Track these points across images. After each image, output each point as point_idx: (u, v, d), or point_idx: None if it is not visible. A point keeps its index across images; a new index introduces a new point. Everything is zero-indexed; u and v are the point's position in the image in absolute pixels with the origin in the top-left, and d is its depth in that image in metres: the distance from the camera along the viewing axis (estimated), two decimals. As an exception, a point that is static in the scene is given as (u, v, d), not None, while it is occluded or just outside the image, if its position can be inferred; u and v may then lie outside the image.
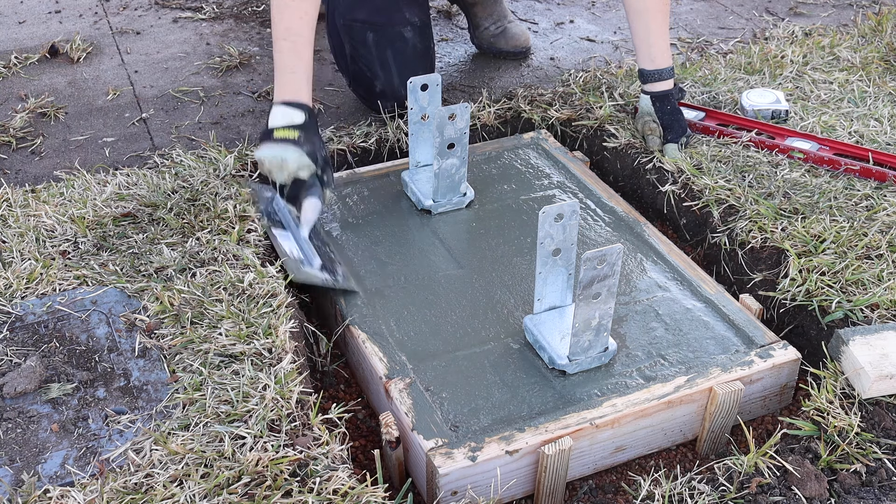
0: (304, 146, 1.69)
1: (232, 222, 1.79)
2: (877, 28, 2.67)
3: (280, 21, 1.76)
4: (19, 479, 1.29)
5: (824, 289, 1.63)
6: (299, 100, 1.74)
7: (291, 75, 1.75)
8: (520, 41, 2.63)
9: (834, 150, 2.00)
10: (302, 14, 1.75)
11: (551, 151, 2.11)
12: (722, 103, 2.26)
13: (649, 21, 2.02)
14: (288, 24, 1.75)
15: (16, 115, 2.33)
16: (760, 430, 1.55)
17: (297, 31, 1.75)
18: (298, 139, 1.69)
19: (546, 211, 1.44)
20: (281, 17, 1.76)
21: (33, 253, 1.72)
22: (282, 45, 1.76)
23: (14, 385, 1.43)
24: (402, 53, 2.19)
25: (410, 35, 2.22)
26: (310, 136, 1.71)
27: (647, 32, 2.04)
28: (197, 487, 1.24)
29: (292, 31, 1.75)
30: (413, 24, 2.22)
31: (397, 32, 2.19)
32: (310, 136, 1.71)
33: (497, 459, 1.33)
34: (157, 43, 2.77)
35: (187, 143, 2.20)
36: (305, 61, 1.76)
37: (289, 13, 1.75)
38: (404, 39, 2.21)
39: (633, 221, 1.87)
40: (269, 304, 1.58)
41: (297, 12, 1.75)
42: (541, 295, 1.55)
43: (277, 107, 1.74)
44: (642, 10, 2.02)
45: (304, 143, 1.69)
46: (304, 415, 1.38)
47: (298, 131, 1.69)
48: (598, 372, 1.50)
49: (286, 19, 1.75)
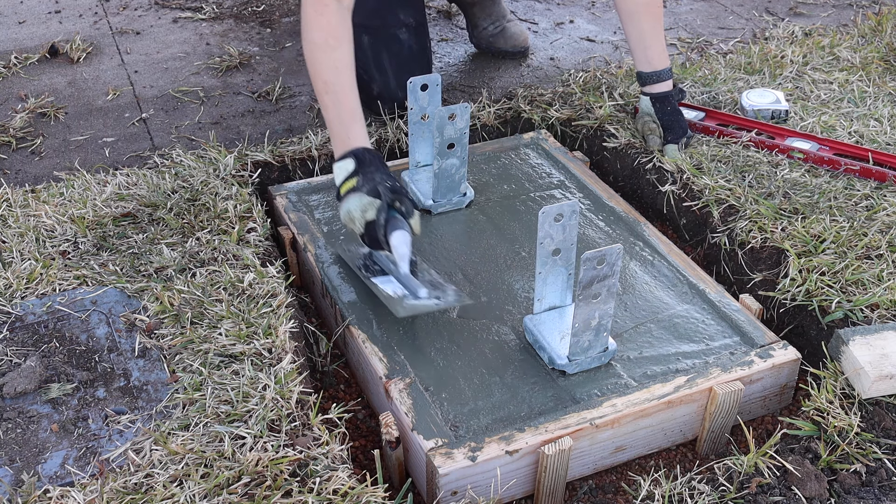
0: (364, 187, 1.60)
1: (232, 222, 1.79)
2: (877, 28, 2.67)
3: (317, 75, 1.71)
4: (19, 479, 1.29)
5: (824, 289, 1.63)
6: (347, 148, 1.67)
7: (339, 127, 1.70)
8: (518, 41, 2.63)
9: (834, 150, 2.00)
10: (336, 64, 1.69)
11: (551, 151, 2.11)
12: (722, 103, 2.26)
13: (642, 23, 2.02)
14: (325, 77, 1.69)
15: (16, 115, 2.33)
16: (760, 430, 1.55)
17: (334, 83, 1.69)
18: (357, 184, 1.61)
19: (546, 211, 1.44)
20: (316, 71, 1.71)
21: (33, 253, 1.72)
22: (324, 100, 1.71)
23: (14, 385, 1.43)
24: (398, 55, 2.19)
25: (406, 37, 2.22)
26: (367, 174, 1.62)
27: (642, 35, 2.03)
28: (197, 487, 1.24)
29: (330, 84, 1.69)
30: (408, 26, 2.22)
31: (392, 35, 2.18)
32: (367, 174, 1.62)
33: (497, 459, 1.33)
34: (157, 43, 2.77)
35: (187, 143, 2.20)
36: (350, 108, 1.70)
37: (322, 66, 1.70)
38: (399, 41, 2.20)
39: (632, 221, 1.87)
40: (269, 304, 1.58)
41: (329, 65, 1.69)
42: (541, 295, 1.55)
43: (334, 167, 1.68)
44: (634, 13, 2.01)
45: (363, 185, 1.60)
46: (304, 415, 1.38)
47: (355, 177, 1.62)
48: (598, 372, 1.50)
49: (321, 73, 1.70)
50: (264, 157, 2.06)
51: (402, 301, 1.56)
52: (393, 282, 1.61)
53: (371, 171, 1.62)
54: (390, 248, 1.59)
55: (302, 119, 2.32)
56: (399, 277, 1.60)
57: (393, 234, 1.58)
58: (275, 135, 2.23)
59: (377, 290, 1.61)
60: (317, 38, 1.70)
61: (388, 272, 1.64)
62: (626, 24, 2.04)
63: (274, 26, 2.89)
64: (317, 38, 1.70)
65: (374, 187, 1.60)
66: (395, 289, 1.59)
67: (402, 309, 1.54)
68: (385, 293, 1.59)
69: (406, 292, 1.57)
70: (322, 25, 1.69)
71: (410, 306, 1.55)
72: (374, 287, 1.62)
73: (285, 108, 2.38)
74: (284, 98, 2.43)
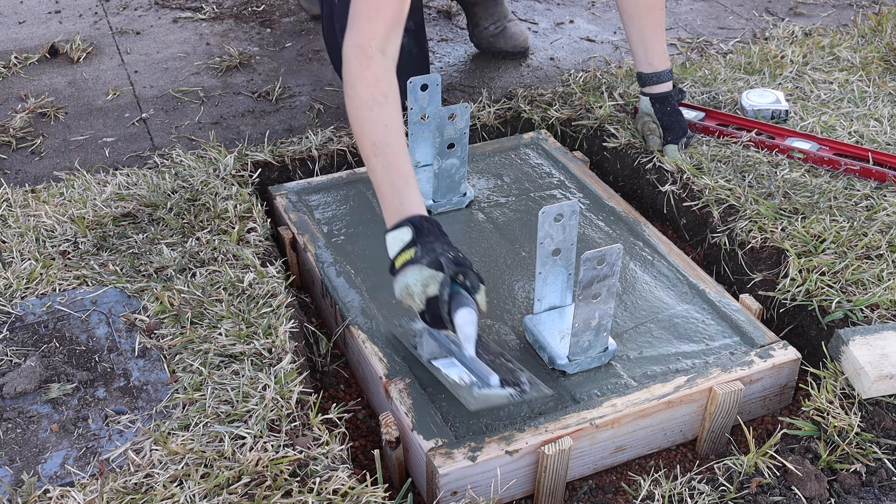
0: (424, 259, 1.43)
1: (232, 222, 1.79)
2: (877, 28, 2.67)
3: (364, 135, 1.55)
4: (19, 479, 1.29)
5: (824, 289, 1.62)
6: (402, 216, 1.49)
7: (391, 192, 1.52)
8: (518, 41, 2.64)
9: (834, 150, 2.00)
10: (385, 122, 1.54)
11: (551, 151, 2.11)
12: (722, 103, 2.26)
13: (644, 25, 2.02)
14: (373, 138, 1.54)
15: (16, 115, 2.33)
16: (760, 430, 1.55)
17: (384, 143, 1.53)
18: (415, 256, 1.44)
19: (546, 211, 1.43)
20: (363, 131, 1.55)
21: (33, 253, 1.72)
22: (373, 163, 1.54)
23: (14, 385, 1.43)
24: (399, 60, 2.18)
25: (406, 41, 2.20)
26: (427, 244, 1.45)
27: (643, 36, 2.04)
28: (197, 487, 1.24)
29: (379, 145, 1.53)
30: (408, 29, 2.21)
31: None
32: (427, 244, 1.45)
33: (497, 459, 1.33)
34: (157, 43, 2.77)
35: (187, 143, 2.20)
36: (402, 171, 1.53)
37: (371, 125, 1.54)
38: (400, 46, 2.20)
39: (632, 221, 1.87)
40: (269, 304, 1.58)
41: (378, 123, 1.54)
42: (541, 295, 1.55)
43: (387, 237, 1.49)
44: (635, 15, 2.01)
45: (423, 256, 1.43)
46: (304, 415, 1.38)
47: (413, 248, 1.45)
48: (597, 372, 1.50)
49: (370, 132, 1.54)
50: (264, 157, 2.06)
51: (472, 390, 1.39)
52: (457, 365, 1.45)
53: (431, 241, 1.45)
54: (454, 328, 1.41)
55: (302, 119, 2.32)
56: (464, 360, 1.43)
57: (458, 313, 1.40)
58: (275, 135, 2.23)
59: (439, 375, 1.44)
60: (363, 94, 1.55)
61: (450, 353, 1.48)
62: (627, 24, 2.05)
63: (274, 26, 2.89)
64: (363, 94, 1.55)
65: (435, 258, 1.43)
66: (461, 374, 1.42)
67: (474, 400, 1.37)
68: (451, 379, 1.42)
69: (474, 379, 1.41)
70: (369, 80, 1.56)
71: (483, 397, 1.38)
72: (435, 371, 1.45)
73: (285, 108, 2.38)
74: (284, 98, 2.43)
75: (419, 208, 1.51)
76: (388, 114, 1.55)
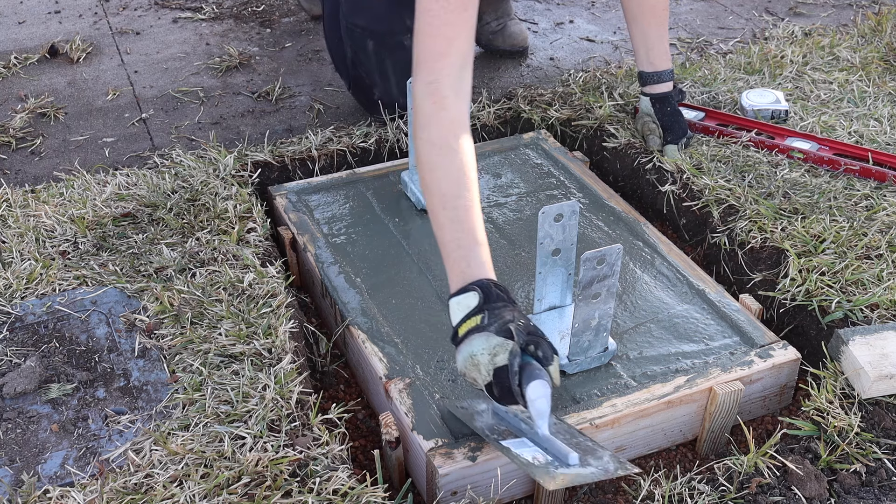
0: (491, 326, 1.30)
1: (232, 222, 1.79)
2: (877, 28, 2.67)
3: (433, 183, 1.42)
4: (19, 479, 1.29)
5: (824, 289, 1.62)
6: (468, 280, 1.36)
7: (458, 252, 1.39)
8: (517, 40, 2.64)
9: (834, 150, 2.00)
10: (458, 173, 1.41)
11: (551, 151, 2.11)
12: (722, 103, 2.26)
13: (646, 25, 2.02)
14: (444, 189, 1.41)
15: (16, 115, 2.33)
16: (760, 430, 1.55)
17: (455, 197, 1.40)
18: (483, 323, 1.31)
19: (546, 211, 1.43)
20: (434, 179, 1.42)
21: (33, 253, 1.72)
22: (440, 216, 1.41)
23: (14, 385, 1.43)
24: (402, 62, 2.17)
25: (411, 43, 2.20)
26: (495, 310, 1.32)
27: (646, 36, 2.04)
28: (197, 488, 1.24)
29: (450, 198, 1.40)
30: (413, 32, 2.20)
31: (398, 42, 2.14)
32: (495, 310, 1.32)
33: (497, 459, 1.33)
34: (156, 43, 2.77)
35: (187, 144, 2.20)
36: (472, 229, 1.39)
37: (442, 174, 1.41)
38: (404, 48, 2.18)
39: (632, 221, 1.87)
40: (269, 305, 1.58)
41: (451, 173, 1.41)
42: (540, 295, 1.55)
43: (450, 302, 1.37)
44: (639, 15, 2.02)
45: (491, 323, 1.31)
46: (304, 415, 1.38)
47: (480, 314, 1.32)
48: (597, 372, 1.50)
49: (440, 182, 1.41)
50: (264, 158, 2.06)
51: (548, 469, 1.24)
52: (528, 444, 1.31)
53: (499, 308, 1.33)
54: (525, 403, 1.28)
55: (302, 119, 2.32)
56: (536, 439, 1.30)
57: (530, 386, 1.27)
58: (275, 135, 2.23)
59: (511, 456, 1.29)
60: (436, 138, 1.43)
61: (520, 432, 1.34)
62: (630, 24, 2.05)
63: (274, 26, 2.89)
64: (436, 138, 1.43)
65: (504, 325, 1.30)
66: (535, 454, 1.28)
67: (554, 481, 1.21)
68: (523, 459, 1.27)
69: (549, 458, 1.27)
70: (444, 123, 1.43)
71: (567, 477, 1.23)
72: (506, 452, 1.30)
73: (285, 108, 2.38)
74: (284, 98, 2.43)
75: (488, 271, 1.38)
76: (465, 163, 1.42)
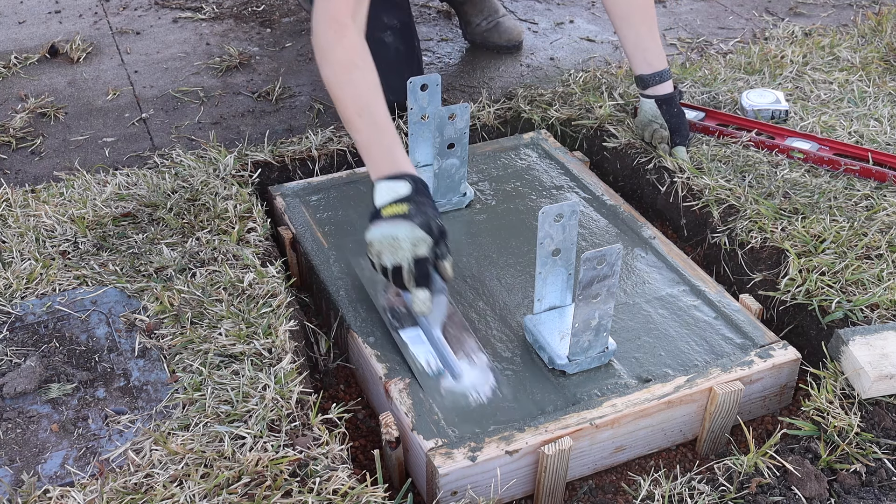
0: (416, 218, 1.47)
1: (232, 222, 1.79)
2: (877, 28, 2.67)
3: (346, 97, 1.60)
4: (19, 479, 1.29)
5: (824, 289, 1.63)
6: (400, 170, 1.54)
7: (379, 149, 1.57)
8: (512, 35, 2.66)
9: (834, 150, 2.00)
10: (367, 84, 1.60)
11: (551, 151, 2.11)
12: (722, 103, 2.26)
13: (637, 26, 2.00)
14: (356, 100, 1.59)
15: (16, 115, 2.33)
16: (760, 430, 1.55)
17: (368, 104, 1.59)
18: (409, 212, 1.48)
19: (546, 211, 1.44)
20: (345, 94, 1.60)
21: (33, 253, 1.72)
22: (356, 123, 1.59)
23: (14, 385, 1.43)
24: (385, 59, 2.16)
25: (391, 39, 2.19)
26: (421, 206, 1.49)
27: (638, 37, 2.01)
28: (197, 487, 1.24)
29: (364, 106, 1.59)
30: (393, 28, 2.19)
31: (377, 39, 2.14)
32: (421, 206, 1.49)
33: (497, 459, 1.33)
34: (157, 43, 2.77)
35: (187, 143, 2.20)
36: (390, 131, 1.58)
37: (352, 87, 1.60)
38: (385, 45, 2.18)
39: (632, 221, 1.87)
40: (269, 304, 1.58)
41: (361, 84, 1.60)
42: (541, 295, 1.55)
43: (379, 183, 1.53)
44: (628, 16, 1.99)
45: (416, 215, 1.47)
46: (304, 415, 1.38)
47: (407, 204, 1.49)
48: (597, 372, 1.50)
49: (352, 94, 1.59)
50: (264, 157, 2.06)
51: (439, 385, 1.46)
52: (425, 343, 1.51)
53: (424, 204, 1.50)
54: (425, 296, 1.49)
55: (302, 119, 2.32)
56: (432, 340, 1.50)
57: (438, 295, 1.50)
58: (275, 135, 2.23)
59: (407, 353, 1.50)
60: (342, 58, 1.61)
61: (416, 323, 1.53)
62: (620, 28, 2.02)
63: (274, 26, 2.89)
64: (342, 58, 1.61)
65: (426, 221, 1.47)
66: (429, 358, 1.48)
67: (439, 395, 1.44)
68: (419, 365, 1.48)
69: (441, 367, 1.47)
70: (346, 46, 1.61)
71: (447, 392, 1.45)
72: (403, 347, 1.51)
73: (285, 108, 2.38)
74: (284, 98, 2.43)
75: (412, 168, 1.55)
76: (369, 77, 1.59)
